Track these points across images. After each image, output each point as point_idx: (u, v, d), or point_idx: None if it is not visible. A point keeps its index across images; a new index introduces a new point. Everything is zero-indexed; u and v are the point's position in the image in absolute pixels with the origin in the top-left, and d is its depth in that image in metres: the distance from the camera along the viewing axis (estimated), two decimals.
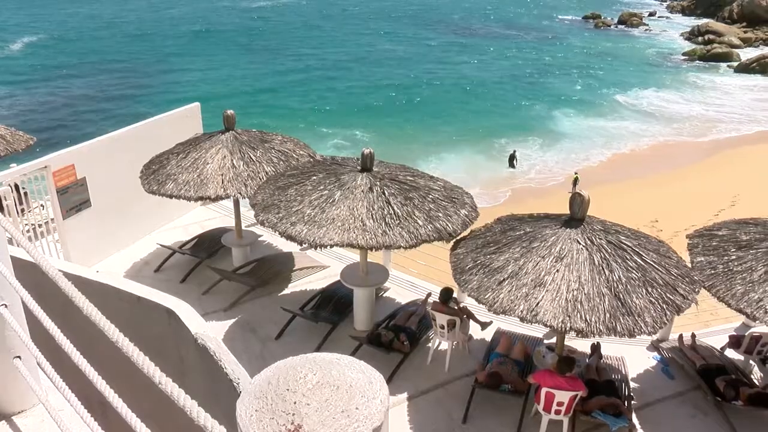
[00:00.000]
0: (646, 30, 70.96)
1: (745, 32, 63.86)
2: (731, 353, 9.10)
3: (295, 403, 1.34)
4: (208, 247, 11.49)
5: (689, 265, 7.68)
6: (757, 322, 7.48)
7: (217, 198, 9.91)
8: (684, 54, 58.48)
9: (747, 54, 55.39)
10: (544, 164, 31.52)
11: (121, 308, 3.52)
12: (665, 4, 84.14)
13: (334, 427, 1.29)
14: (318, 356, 1.50)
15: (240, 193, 9.75)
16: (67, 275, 2.06)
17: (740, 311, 7.12)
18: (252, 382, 1.46)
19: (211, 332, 3.23)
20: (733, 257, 7.59)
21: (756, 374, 8.75)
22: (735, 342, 9.10)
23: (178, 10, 77.74)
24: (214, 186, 9.72)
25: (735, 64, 53.42)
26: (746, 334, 9.02)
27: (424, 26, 71.13)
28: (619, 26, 73.11)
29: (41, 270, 2.06)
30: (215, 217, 13.12)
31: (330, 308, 9.78)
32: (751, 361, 8.87)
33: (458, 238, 8.20)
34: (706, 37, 62.44)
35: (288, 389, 1.37)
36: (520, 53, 58.79)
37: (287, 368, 1.44)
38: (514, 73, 50.63)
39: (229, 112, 10.72)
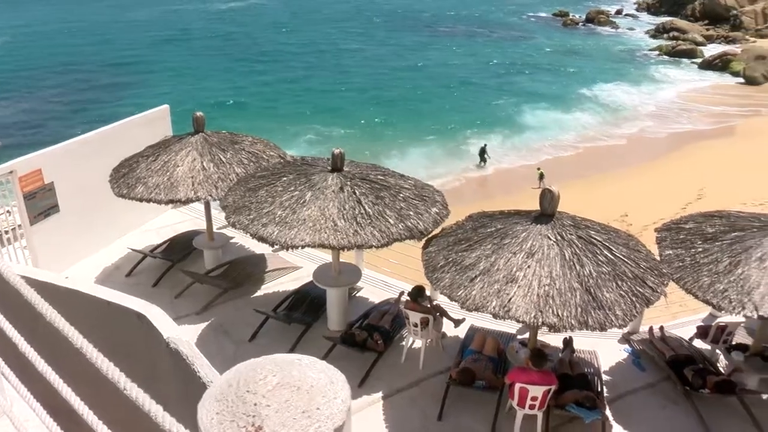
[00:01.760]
0: (613, 27, 71.90)
1: (707, 30, 65.50)
2: (699, 343, 9.29)
3: (255, 404, 1.34)
4: (179, 250, 11.37)
5: (658, 258, 7.81)
6: (723, 312, 7.62)
7: (188, 201, 9.82)
8: (650, 50, 59.53)
9: (710, 51, 56.65)
10: (513, 160, 31.82)
11: (91, 314, 3.47)
12: (632, 1, 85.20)
13: (295, 428, 1.29)
14: (279, 357, 1.49)
15: (211, 196, 9.67)
16: (34, 282, 2.04)
17: (707, 302, 7.27)
18: (213, 384, 1.45)
19: (183, 336, 3.20)
20: (700, 249, 7.73)
21: (722, 363, 8.94)
22: (702, 332, 9.29)
23: (145, 13, 76.70)
24: (184, 189, 9.62)
25: (699, 60, 54.57)
26: (713, 324, 9.19)
27: (394, 26, 71.20)
28: (587, 24, 73.95)
29: (3, 277, 2.03)
30: (186, 219, 12.98)
31: (303, 309, 9.74)
32: (717, 351, 9.07)
33: (430, 236, 8.22)
34: (671, 34, 63.80)
35: (248, 391, 1.37)
36: (489, 51, 59.20)
37: (247, 370, 1.44)
38: (482, 71, 51.00)
39: (199, 113, 10.63)
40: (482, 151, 30.56)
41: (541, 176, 26.94)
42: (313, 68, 51.02)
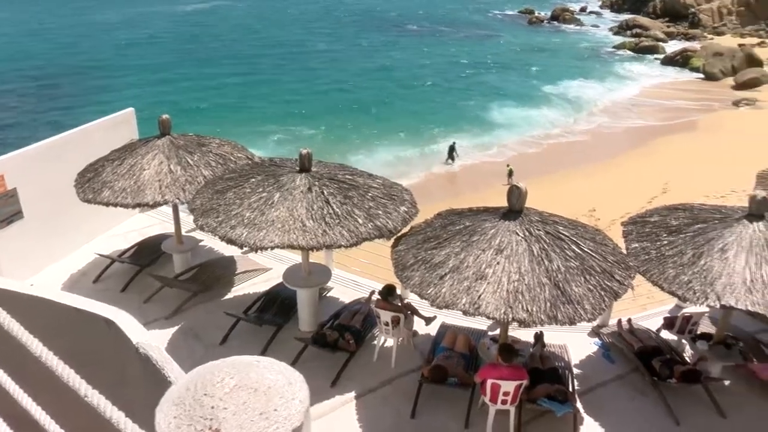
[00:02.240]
0: (577, 25, 72.84)
1: (668, 27, 67.15)
2: (666, 334, 9.44)
3: (212, 407, 1.32)
4: (148, 254, 11.24)
5: (625, 252, 7.91)
6: (688, 303, 7.80)
7: (156, 204, 9.69)
8: (614, 47, 60.53)
9: (671, 47, 57.94)
10: (481, 157, 32.05)
11: (57, 321, 3.41)
12: None
13: (253, 430, 1.28)
14: (237, 359, 1.48)
15: (178, 199, 9.57)
16: None
17: (672, 293, 7.39)
18: (171, 389, 1.44)
19: (153, 341, 3.17)
20: (665, 242, 7.86)
21: (688, 352, 9.11)
22: (669, 323, 9.45)
23: (109, 16, 75.47)
24: (151, 192, 9.51)
25: (661, 56, 55.79)
26: (679, 315, 9.36)
27: (362, 26, 71.22)
28: (552, 21, 74.81)
29: None
30: (154, 223, 12.82)
31: (274, 310, 9.69)
32: (683, 341, 9.24)
33: (399, 234, 8.21)
34: (633, 31, 65.12)
35: (206, 394, 1.36)
36: (456, 50, 59.63)
37: (205, 373, 1.43)
38: (449, 70, 51.33)
39: (165, 116, 10.50)
40: (451, 149, 30.71)
41: (511, 173, 27.16)
42: (280, 69, 50.83)
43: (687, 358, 8.88)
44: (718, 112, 38.95)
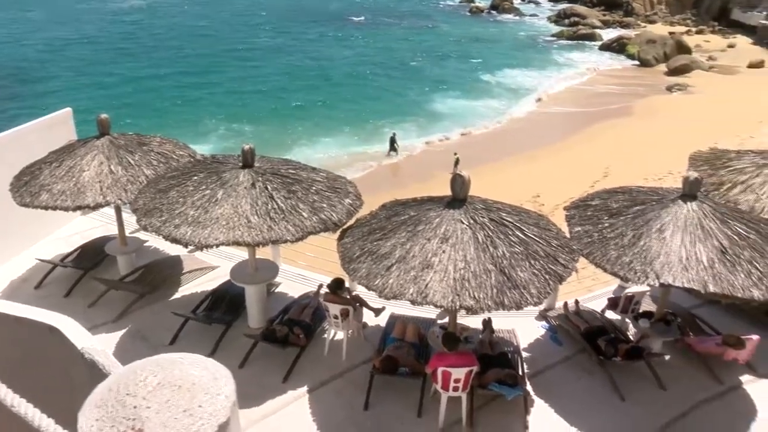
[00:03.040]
0: (516, 14, 73.89)
1: (604, 15, 69.12)
2: (610, 314, 9.69)
3: (135, 407, 1.28)
4: (91, 257, 10.99)
5: (568, 236, 8.06)
6: (630, 283, 8.01)
7: (97, 206, 9.50)
8: (553, 35, 61.73)
9: (607, 34, 59.56)
10: (425, 147, 32.20)
11: None
12: None
13: (177, 427, 1.24)
14: (161, 357, 1.43)
15: (121, 199, 9.39)
16: None
17: (615, 274, 7.56)
18: (94, 391, 1.38)
19: (99, 345, 3.10)
20: (606, 225, 8.04)
21: (631, 331, 9.38)
22: (612, 303, 9.70)
23: (41, 13, 72.74)
24: (92, 194, 9.31)
25: (599, 43, 57.25)
26: (622, 295, 9.60)
27: (303, 18, 70.60)
28: (492, 11, 75.69)
29: None
30: (97, 225, 12.50)
31: (222, 308, 9.60)
32: (626, 320, 9.49)
33: (344, 227, 8.22)
34: (571, 19, 66.58)
35: (128, 394, 1.31)
36: (397, 40, 59.73)
37: (128, 372, 1.38)
38: (391, 61, 51.37)
39: (103, 116, 10.23)
40: (392, 141, 30.73)
41: (457, 162, 27.35)
42: (218, 64, 49.94)
43: (630, 336, 9.14)
44: (654, 97, 40.10)
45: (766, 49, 53.58)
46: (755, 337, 8.37)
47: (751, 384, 8.45)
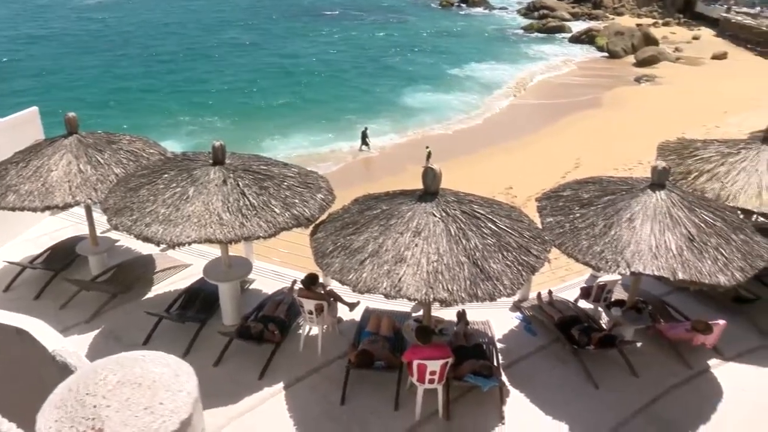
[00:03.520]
0: (486, 8, 74.19)
1: (573, 7, 69.69)
2: (583, 303, 9.80)
3: (95, 406, 1.26)
4: (61, 258, 10.83)
5: (540, 227, 8.13)
6: (602, 272, 8.11)
7: (66, 206, 9.33)
8: (522, 28, 62.11)
9: (577, 26, 60.12)
10: (397, 141, 32.23)
11: None
12: None
13: (138, 425, 1.22)
14: (122, 356, 1.41)
15: (90, 199, 9.25)
16: None
17: (587, 264, 7.66)
18: (54, 392, 1.35)
19: (71, 347, 3.04)
20: (578, 215, 8.12)
21: (604, 319, 9.49)
22: (585, 293, 9.82)
23: (3, 10, 71.13)
24: (61, 194, 9.16)
25: (568, 35, 57.75)
26: (594, 284, 9.71)
27: (273, 13, 70.16)
28: (462, 5, 75.85)
29: None
30: (67, 226, 12.32)
31: (196, 307, 9.51)
32: (599, 308, 9.61)
33: (317, 222, 8.20)
34: (540, 12, 67.04)
35: (88, 393, 1.29)
36: (368, 35, 59.66)
37: (88, 372, 1.35)
38: (362, 55, 51.33)
39: (71, 114, 10.06)
40: (363, 135, 30.71)
41: (429, 155, 27.40)
42: (187, 61, 49.39)
43: (603, 325, 9.25)
44: (623, 88, 40.62)
45: (728, 41, 54.60)
46: (722, 321, 8.54)
47: (718, 367, 8.65)
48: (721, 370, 8.59)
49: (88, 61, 48.99)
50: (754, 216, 9.81)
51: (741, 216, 8.62)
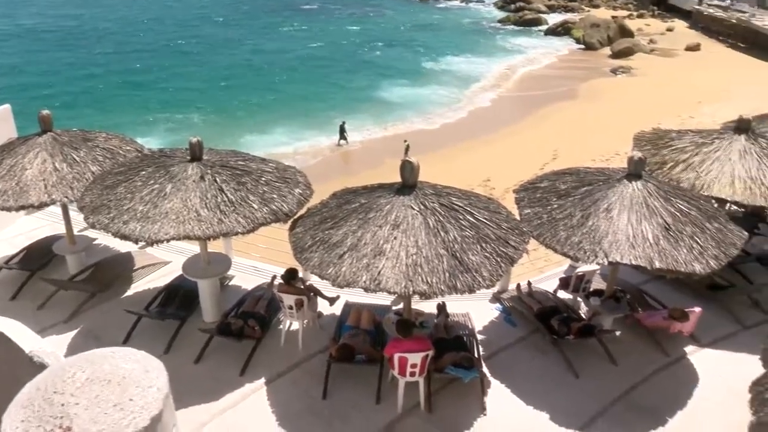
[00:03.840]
0: (462, 1, 74.28)
1: (548, 0, 69.77)
2: (562, 294, 9.88)
3: (63, 405, 1.24)
4: (38, 257, 10.70)
5: (518, 218, 8.17)
6: (580, 262, 8.17)
7: (42, 205, 9.21)
8: (499, 21, 62.36)
9: (553, 19, 60.47)
10: (375, 134, 32.18)
11: None
12: None
13: (107, 422, 1.21)
14: (92, 353, 1.39)
15: (67, 197, 9.15)
16: None
17: (565, 254, 7.72)
18: (22, 390, 1.33)
19: (49, 347, 3.00)
20: (555, 206, 8.18)
21: (583, 309, 9.58)
22: (564, 283, 9.89)
23: None
24: (36, 192, 9.04)
25: (544, 28, 58.07)
26: (573, 274, 9.79)
27: (253, 8, 69.68)
28: None
29: None
30: (43, 225, 12.17)
31: (176, 304, 9.46)
32: (578, 298, 9.69)
33: (295, 217, 8.18)
34: (516, 4, 67.25)
35: (56, 391, 1.26)
36: (346, 28, 59.56)
37: (57, 370, 1.33)
38: (340, 49, 51.20)
39: (45, 112, 9.91)
40: (341, 129, 30.63)
41: (407, 148, 27.38)
42: (162, 56, 48.84)
43: (582, 315, 9.33)
44: (599, 80, 40.93)
45: (701, 33, 55.25)
46: (698, 309, 8.67)
47: (694, 354, 8.79)
48: (697, 356, 8.74)
49: (64, 58, 48.26)
50: (728, 204, 9.94)
51: (715, 205, 8.75)
